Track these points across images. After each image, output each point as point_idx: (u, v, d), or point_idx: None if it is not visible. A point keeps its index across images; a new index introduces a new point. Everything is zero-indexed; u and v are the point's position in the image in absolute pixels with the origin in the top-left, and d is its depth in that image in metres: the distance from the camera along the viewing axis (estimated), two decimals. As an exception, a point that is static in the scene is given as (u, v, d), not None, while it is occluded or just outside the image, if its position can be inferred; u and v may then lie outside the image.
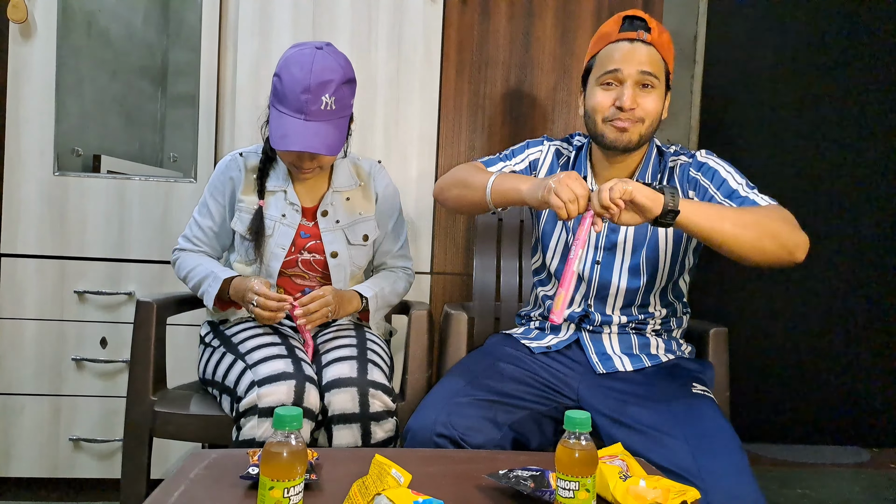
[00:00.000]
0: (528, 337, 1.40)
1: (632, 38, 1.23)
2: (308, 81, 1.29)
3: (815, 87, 2.59)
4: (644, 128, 1.25)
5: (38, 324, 1.81)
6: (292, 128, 1.31)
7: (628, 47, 1.23)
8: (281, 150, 1.36)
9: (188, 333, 1.83)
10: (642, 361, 1.30)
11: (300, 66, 1.31)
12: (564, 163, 1.41)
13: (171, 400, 1.37)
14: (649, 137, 1.28)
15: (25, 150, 1.79)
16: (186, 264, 1.46)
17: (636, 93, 1.23)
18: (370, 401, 1.25)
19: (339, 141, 1.35)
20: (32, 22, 1.78)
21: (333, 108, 1.33)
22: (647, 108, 1.24)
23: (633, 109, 1.23)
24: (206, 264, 1.44)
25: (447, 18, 1.89)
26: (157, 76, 2.04)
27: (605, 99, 1.25)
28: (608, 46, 1.26)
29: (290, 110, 1.32)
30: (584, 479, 0.79)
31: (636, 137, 1.25)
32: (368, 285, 1.48)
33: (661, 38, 1.24)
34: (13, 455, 1.81)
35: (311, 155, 1.36)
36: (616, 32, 1.25)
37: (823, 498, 2.14)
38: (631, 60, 1.22)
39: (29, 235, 1.80)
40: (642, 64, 1.22)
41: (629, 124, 1.24)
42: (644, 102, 1.23)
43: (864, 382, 2.65)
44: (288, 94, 1.31)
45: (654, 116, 1.25)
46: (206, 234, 1.49)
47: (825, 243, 2.62)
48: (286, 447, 0.74)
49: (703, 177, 1.27)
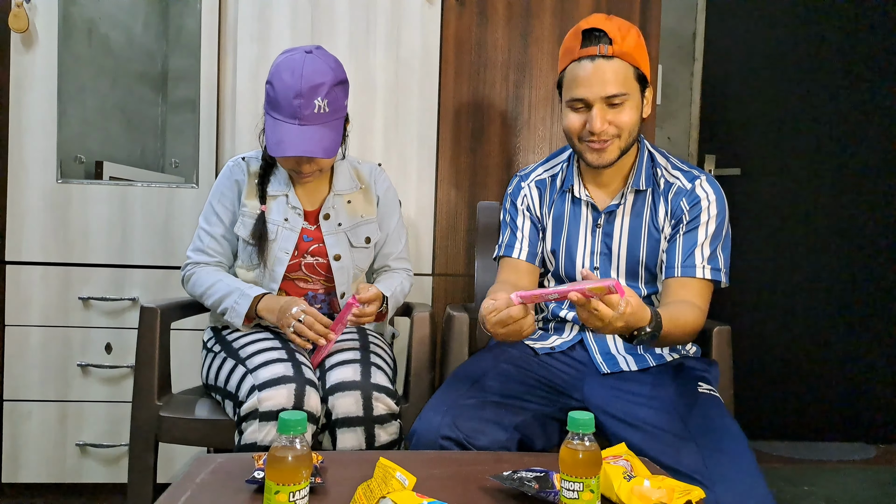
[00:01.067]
0: (532, 338, 1.40)
1: (593, 54, 1.19)
2: (299, 86, 1.30)
3: (814, 83, 2.59)
4: (622, 141, 1.24)
5: (43, 330, 1.82)
6: (287, 134, 1.31)
7: (590, 67, 1.20)
8: (279, 157, 1.37)
9: (192, 338, 1.84)
10: (647, 361, 1.30)
11: (290, 71, 1.31)
12: (550, 187, 1.39)
13: (176, 405, 1.38)
14: (630, 146, 1.26)
15: (29, 158, 1.80)
16: (203, 281, 1.43)
17: (605, 112, 1.21)
18: (374, 404, 1.25)
19: (335, 143, 1.36)
20: (34, 31, 1.79)
21: (327, 110, 1.33)
22: (621, 123, 1.22)
23: (604, 130, 1.21)
24: (226, 280, 1.41)
25: (445, 20, 1.90)
26: (157, 82, 2.05)
27: (576, 121, 1.24)
28: (572, 65, 1.23)
29: (284, 116, 1.32)
30: (589, 479, 0.79)
31: (614, 155, 1.24)
32: (384, 286, 1.49)
33: (624, 45, 1.20)
34: (21, 460, 1.82)
35: (309, 159, 1.36)
36: (577, 49, 1.22)
37: (830, 494, 2.14)
38: (594, 83, 1.19)
39: (33, 243, 1.81)
40: (606, 85, 1.19)
41: (606, 144, 1.23)
42: (616, 119, 1.21)
43: (869, 378, 2.64)
44: (281, 101, 1.32)
45: (630, 127, 1.23)
46: (220, 243, 1.47)
47: (829, 239, 2.62)
48: (291, 451, 0.74)
49: (687, 213, 1.27)
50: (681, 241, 1.26)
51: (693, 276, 1.24)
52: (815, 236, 2.62)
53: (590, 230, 1.33)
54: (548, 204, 1.39)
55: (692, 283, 1.24)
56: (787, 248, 2.61)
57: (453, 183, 1.93)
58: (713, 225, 1.26)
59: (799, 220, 2.62)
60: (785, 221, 2.61)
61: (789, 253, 2.61)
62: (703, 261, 1.24)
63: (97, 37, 1.96)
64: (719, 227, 1.27)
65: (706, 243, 1.25)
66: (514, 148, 1.94)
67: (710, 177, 1.32)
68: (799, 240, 2.62)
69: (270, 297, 1.39)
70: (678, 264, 1.25)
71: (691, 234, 1.26)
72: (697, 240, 1.25)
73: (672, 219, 1.29)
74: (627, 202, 1.31)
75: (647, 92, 1.27)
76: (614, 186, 1.33)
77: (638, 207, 1.31)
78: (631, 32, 1.23)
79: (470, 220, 1.92)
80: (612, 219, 1.32)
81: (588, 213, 1.33)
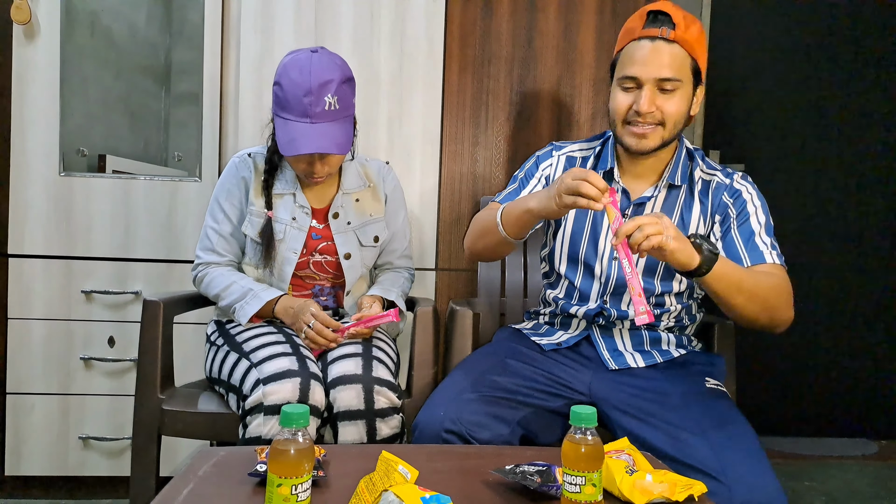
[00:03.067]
0: (538, 333, 1.40)
1: (654, 35, 1.18)
2: (309, 84, 1.29)
3: (819, 78, 2.58)
4: (666, 131, 1.22)
5: (45, 323, 1.82)
6: (299, 132, 1.31)
7: (650, 47, 1.18)
8: (291, 157, 1.36)
9: (195, 332, 1.84)
10: (654, 357, 1.29)
11: (299, 70, 1.31)
12: (582, 163, 1.37)
13: (179, 398, 1.38)
14: (673, 139, 1.25)
15: (31, 151, 1.80)
16: (218, 283, 1.43)
17: (655, 96, 1.19)
18: (375, 397, 1.25)
19: (347, 139, 1.36)
20: (36, 23, 1.78)
21: (337, 107, 1.33)
22: (668, 111, 1.20)
23: (651, 112, 1.20)
24: (240, 282, 1.42)
25: (449, 14, 1.89)
26: (160, 75, 2.05)
27: (623, 101, 1.22)
28: (630, 44, 1.22)
29: (294, 115, 1.31)
30: (591, 473, 0.79)
31: (656, 143, 1.23)
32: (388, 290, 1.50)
33: (686, 34, 1.19)
34: (24, 454, 1.82)
35: (321, 158, 1.35)
36: (639, 28, 1.21)
37: (831, 490, 2.14)
38: (650, 64, 1.18)
39: (36, 236, 1.81)
40: (661, 68, 1.18)
41: (649, 129, 1.21)
42: (664, 105, 1.20)
43: (871, 374, 2.64)
44: (290, 100, 1.31)
45: (676, 118, 1.21)
46: (228, 241, 1.46)
47: (832, 234, 2.61)
48: (294, 444, 0.74)
49: (732, 205, 1.26)
50: (738, 235, 1.23)
51: (764, 262, 1.20)
52: (819, 231, 2.62)
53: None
54: None
55: (765, 267, 1.20)
56: (790, 243, 2.61)
57: (457, 177, 1.92)
58: (762, 215, 1.25)
59: (802, 216, 2.61)
60: (788, 217, 2.60)
61: (793, 248, 2.61)
62: (766, 247, 1.21)
63: (100, 29, 1.96)
64: (768, 218, 1.25)
65: (762, 232, 1.23)
66: (519, 142, 1.94)
67: (745, 174, 1.31)
68: (803, 235, 2.61)
69: (287, 298, 1.41)
70: (744, 255, 1.21)
71: (745, 226, 1.24)
72: (753, 230, 1.23)
73: (718, 214, 1.27)
74: (660, 196, 1.29)
75: (698, 90, 1.25)
76: (649, 179, 1.31)
77: (669, 203, 1.29)
78: (696, 25, 1.22)
79: (474, 214, 1.91)
80: (640, 210, 1.29)
81: (619, 196, 1.30)
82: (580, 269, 1.34)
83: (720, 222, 1.27)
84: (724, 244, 1.24)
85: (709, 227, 1.28)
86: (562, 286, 1.38)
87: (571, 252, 1.34)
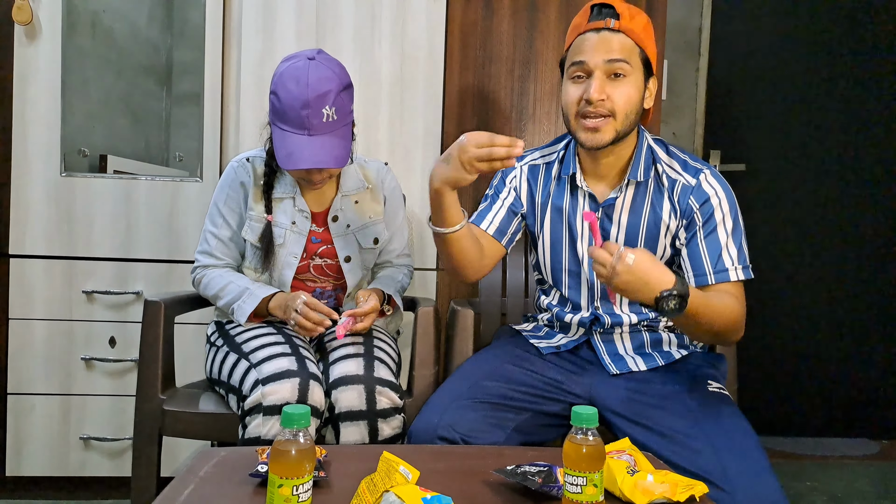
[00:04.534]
0: (538, 335, 1.38)
1: (599, 27, 1.18)
2: (306, 96, 1.27)
3: (820, 78, 2.57)
4: (618, 122, 1.18)
5: (47, 324, 1.82)
6: (297, 145, 1.29)
7: (596, 38, 1.18)
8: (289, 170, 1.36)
9: (196, 332, 1.84)
10: (655, 360, 1.28)
11: (295, 80, 1.28)
12: (545, 174, 1.35)
13: (180, 398, 1.38)
14: (628, 131, 1.21)
15: (32, 152, 1.80)
16: (216, 284, 1.43)
17: (604, 83, 1.17)
18: (377, 398, 1.25)
19: (345, 151, 1.34)
20: (37, 23, 1.79)
21: (335, 118, 1.31)
22: (618, 100, 1.17)
23: (602, 101, 1.16)
24: (237, 282, 1.42)
25: (450, 14, 1.89)
26: (161, 75, 2.05)
27: (574, 92, 1.20)
28: (577, 38, 1.21)
29: (292, 127, 1.30)
30: (592, 474, 0.79)
31: (609, 136, 1.19)
32: (385, 285, 1.50)
33: (632, 24, 1.19)
34: (24, 454, 1.82)
35: (320, 169, 1.35)
36: (585, 23, 1.20)
37: (832, 490, 2.13)
38: (598, 50, 1.17)
39: (37, 236, 1.81)
40: (610, 52, 1.16)
41: (601, 122, 1.18)
42: (614, 93, 1.17)
43: (872, 374, 2.63)
44: (287, 112, 1.29)
45: (627, 109, 1.18)
46: (227, 245, 1.46)
47: (834, 235, 2.61)
48: (295, 445, 0.74)
49: (699, 212, 1.22)
50: (704, 246, 1.20)
51: (728, 281, 1.19)
52: (819, 232, 2.61)
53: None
54: (542, 192, 1.34)
55: (727, 287, 1.19)
56: (791, 243, 2.60)
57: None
58: (730, 221, 1.21)
59: (804, 216, 2.61)
60: (789, 217, 2.60)
61: (794, 249, 2.60)
62: (732, 263, 1.19)
63: (101, 29, 1.96)
64: (735, 222, 1.22)
65: (729, 242, 1.20)
66: (519, 142, 1.93)
67: (714, 169, 1.26)
68: (804, 235, 2.61)
69: (281, 295, 1.40)
70: (710, 272, 1.19)
71: (712, 236, 1.20)
72: (720, 241, 1.20)
73: (683, 218, 1.24)
74: (627, 195, 1.27)
75: (650, 81, 1.24)
76: (612, 178, 1.28)
77: (637, 201, 1.27)
78: (641, 16, 1.21)
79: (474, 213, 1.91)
80: (610, 211, 1.28)
81: (586, 203, 1.29)
82: (566, 278, 1.33)
83: (685, 227, 1.24)
84: (690, 253, 1.21)
85: (679, 224, 1.25)
86: (554, 294, 1.38)
87: (554, 261, 1.34)
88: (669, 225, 1.26)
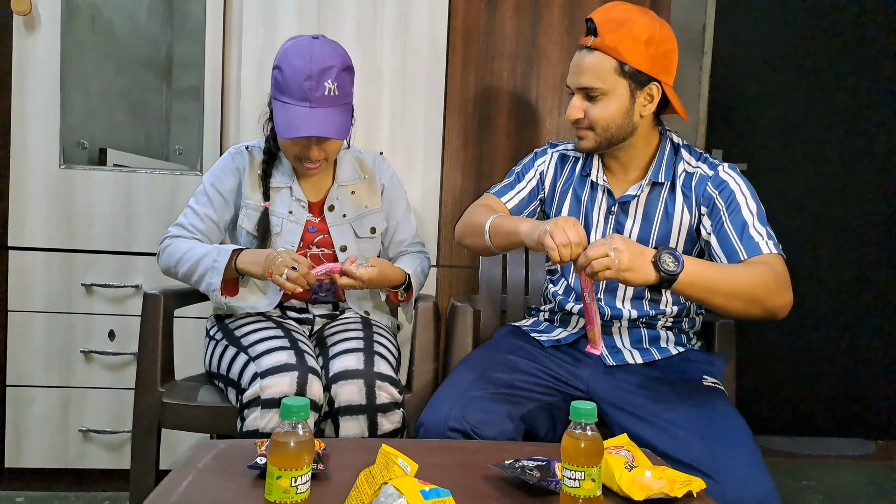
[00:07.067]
0: (538, 329, 1.41)
1: (582, 45, 1.26)
2: (310, 69, 1.30)
3: (823, 77, 2.57)
4: (598, 136, 1.26)
5: (46, 316, 1.82)
6: (299, 115, 1.31)
7: (576, 59, 1.26)
8: (287, 142, 1.36)
9: (195, 325, 1.84)
10: (652, 354, 1.30)
11: (300, 55, 1.32)
12: (572, 164, 1.40)
13: (179, 391, 1.38)
14: (612, 139, 1.27)
15: (31, 144, 1.80)
16: (178, 249, 1.37)
17: (581, 103, 1.26)
18: (377, 392, 1.26)
19: (345, 125, 1.37)
20: (36, 14, 1.78)
21: (336, 93, 1.33)
22: (594, 117, 1.25)
23: (579, 119, 1.26)
24: (201, 246, 1.37)
25: (453, 9, 1.88)
26: (161, 69, 2.05)
27: (568, 108, 1.29)
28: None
29: (294, 99, 1.32)
30: (590, 468, 0.79)
31: (591, 144, 1.28)
32: (405, 265, 1.49)
33: (608, 39, 1.21)
34: (24, 446, 1.82)
35: (318, 143, 1.36)
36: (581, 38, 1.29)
37: (828, 490, 2.14)
38: (573, 74, 1.26)
39: (36, 229, 1.81)
40: (581, 77, 1.24)
41: (582, 132, 1.28)
42: (591, 111, 1.25)
43: (868, 374, 2.64)
44: (291, 84, 1.32)
45: (605, 123, 1.25)
46: (205, 224, 1.43)
47: (832, 235, 2.61)
48: (293, 437, 0.74)
49: (719, 196, 1.24)
50: (731, 228, 1.20)
51: (760, 253, 1.16)
52: (820, 231, 2.62)
53: (603, 215, 1.34)
54: (563, 182, 1.40)
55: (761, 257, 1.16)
56: (792, 242, 2.60)
57: (459, 173, 1.92)
58: (753, 204, 1.22)
59: (805, 215, 2.61)
60: (791, 216, 2.60)
61: (794, 248, 2.60)
62: (761, 238, 1.17)
63: (101, 22, 1.95)
64: (759, 206, 1.22)
65: (755, 222, 1.19)
66: (521, 139, 1.93)
67: (731, 164, 1.29)
68: (804, 235, 2.61)
69: (246, 252, 1.34)
70: (739, 248, 1.17)
71: (737, 217, 1.20)
72: (746, 221, 1.19)
73: (704, 206, 1.25)
74: (644, 193, 1.30)
75: (648, 88, 1.24)
76: (633, 176, 1.33)
77: (653, 199, 1.30)
78: (624, 28, 1.20)
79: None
80: (626, 208, 1.32)
81: (604, 198, 1.34)
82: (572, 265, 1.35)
83: (708, 214, 1.25)
84: (719, 238, 1.21)
85: (695, 219, 1.27)
86: (561, 284, 1.40)
87: None
88: (683, 219, 1.28)
